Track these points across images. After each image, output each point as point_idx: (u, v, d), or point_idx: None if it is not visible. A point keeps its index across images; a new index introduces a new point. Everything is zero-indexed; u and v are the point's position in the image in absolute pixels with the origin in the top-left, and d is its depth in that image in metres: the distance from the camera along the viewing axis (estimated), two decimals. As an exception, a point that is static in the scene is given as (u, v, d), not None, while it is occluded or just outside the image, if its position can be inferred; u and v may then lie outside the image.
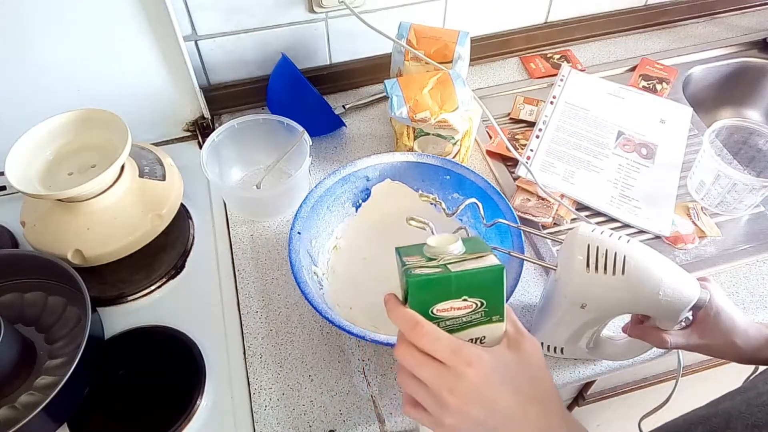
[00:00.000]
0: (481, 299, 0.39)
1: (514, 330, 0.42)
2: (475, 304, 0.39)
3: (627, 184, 0.82)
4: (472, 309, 0.40)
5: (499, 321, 0.40)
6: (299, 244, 0.66)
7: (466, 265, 0.40)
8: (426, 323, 0.39)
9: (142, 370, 0.65)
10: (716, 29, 1.07)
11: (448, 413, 0.39)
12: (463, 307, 0.39)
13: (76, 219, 0.69)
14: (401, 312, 0.40)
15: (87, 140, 0.72)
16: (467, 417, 0.38)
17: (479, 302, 0.39)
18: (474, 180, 0.72)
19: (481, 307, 0.40)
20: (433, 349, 0.39)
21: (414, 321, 0.39)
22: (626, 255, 0.51)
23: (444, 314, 0.39)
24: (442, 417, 0.39)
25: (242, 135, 0.80)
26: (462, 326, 0.40)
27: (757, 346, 0.55)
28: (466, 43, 0.81)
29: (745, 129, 0.80)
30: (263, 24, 0.85)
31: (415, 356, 0.39)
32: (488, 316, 0.40)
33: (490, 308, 0.40)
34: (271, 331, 0.69)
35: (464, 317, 0.40)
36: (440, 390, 0.38)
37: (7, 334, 0.58)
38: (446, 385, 0.38)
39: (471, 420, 0.39)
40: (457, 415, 0.38)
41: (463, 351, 0.38)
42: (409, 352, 0.39)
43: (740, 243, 0.76)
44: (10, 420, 0.58)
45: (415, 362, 0.39)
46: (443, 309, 0.39)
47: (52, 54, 0.74)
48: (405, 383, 0.41)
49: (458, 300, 0.39)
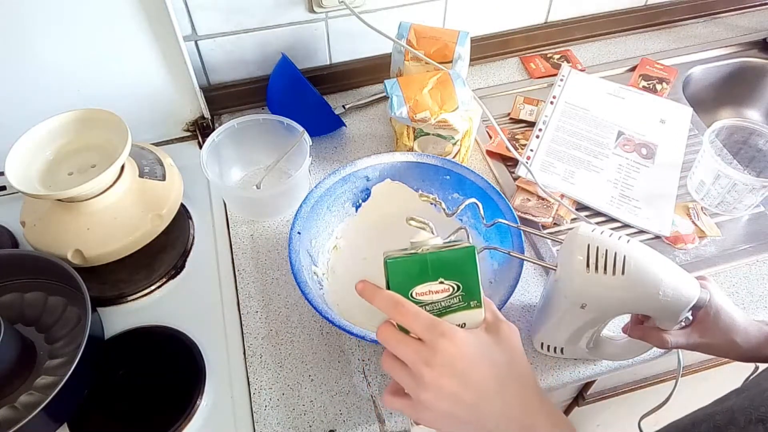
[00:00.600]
0: (457, 282, 0.42)
1: (493, 317, 0.43)
2: (451, 287, 0.42)
3: (627, 184, 0.82)
4: (449, 293, 0.42)
5: (477, 307, 0.42)
6: (299, 244, 0.66)
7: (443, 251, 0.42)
8: (406, 302, 0.41)
9: (142, 370, 0.65)
10: (716, 29, 1.07)
11: (424, 387, 0.40)
12: (441, 290, 0.42)
13: (76, 219, 0.69)
14: (382, 294, 0.42)
15: (87, 140, 0.72)
16: (442, 390, 0.39)
17: (456, 285, 0.42)
18: (474, 180, 0.72)
19: (458, 291, 0.42)
20: (411, 326, 0.40)
21: (394, 300, 0.41)
22: (626, 255, 0.51)
23: (423, 298, 0.42)
24: (418, 393, 0.40)
25: (242, 135, 0.80)
26: (442, 311, 0.42)
27: (757, 344, 0.55)
28: (466, 43, 0.81)
29: (745, 129, 0.80)
30: (263, 24, 0.85)
31: (396, 335, 0.41)
32: (466, 300, 0.42)
33: (467, 292, 0.42)
34: (271, 331, 0.69)
35: (443, 302, 0.42)
36: (418, 364, 0.40)
37: (7, 334, 0.58)
38: (423, 359, 0.40)
39: (446, 393, 0.39)
40: (433, 388, 0.39)
41: (439, 326, 0.40)
42: (390, 331, 0.41)
43: (740, 243, 0.76)
44: (10, 420, 0.58)
45: (395, 340, 0.41)
46: (422, 292, 0.42)
47: (52, 54, 0.74)
48: (386, 364, 0.42)
49: (435, 282, 0.41)
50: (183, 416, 0.61)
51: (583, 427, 1.03)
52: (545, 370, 0.65)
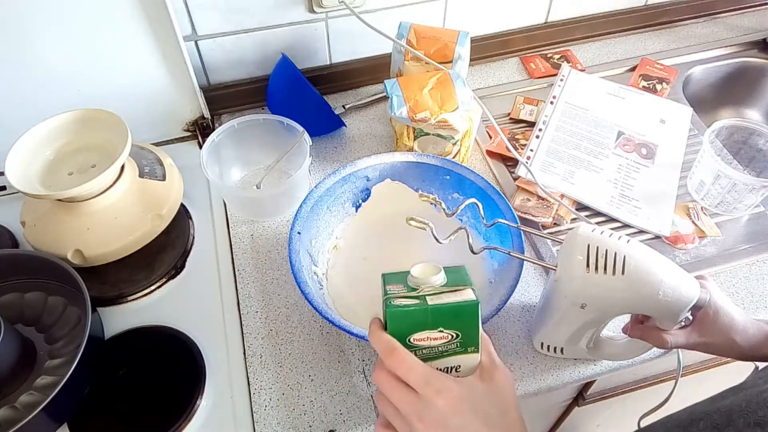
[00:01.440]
0: (457, 331, 0.41)
1: (489, 361, 0.43)
2: (450, 335, 0.41)
3: (627, 184, 0.82)
4: (447, 340, 0.41)
5: (474, 352, 0.42)
6: (299, 244, 0.66)
7: (444, 298, 0.41)
8: (402, 350, 0.40)
9: (142, 370, 0.65)
10: (716, 29, 1.07)
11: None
12: (440, 338, 0.41)
13: (76, 219, 0.69)
14: (381, 337, 0.41)
15: (87, 140, 0.72)
16: None
17: (455, 334, 0.41)
18: (474, 180, 0.72)
19: (456, 338, 0.41)
20: (407, 376, 0.40)
21: (392, 348, 0.41)
22: (626, 255, 0.51)
23: (421, 343, 0.41)
24: None
25: (242, 135, 0.80)
26: (438, 355, 0.42)
27: (757, 343, 0.55)
28: (466, 43, 0.81)
29: (745, 129, 0.80)
30: (263, 24, 0.85)
31: (391, 382, 0.41)
32: (463, 346, 0.42)
33: (466, 339, 0.42)
34: (271, 331, 0.69)
35: (440, 347, 0.41)
36: (410, 416, 0.40)
37: (7, 334, 0.58)
38: (416, 412, 0.40)
39: None
40: None
41: (434, 380, 0.40)
42: (385, 377, 0.41)
43: (740, 243, 0.76)
44: (10, 420, 0.58)
45: (389, 387, 0.41)
46: (420, 339, 0.41)
47: (53, 54, 0.74)
48: (380, 404, 0.42)
49: (434, 331, 0.41)
50: (183, 416, 0.61)
51: (583, 427, 1.03)
52: (545, 370, 0.65)
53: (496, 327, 0.69)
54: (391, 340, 0.41)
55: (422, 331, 0.41)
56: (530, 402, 0.66)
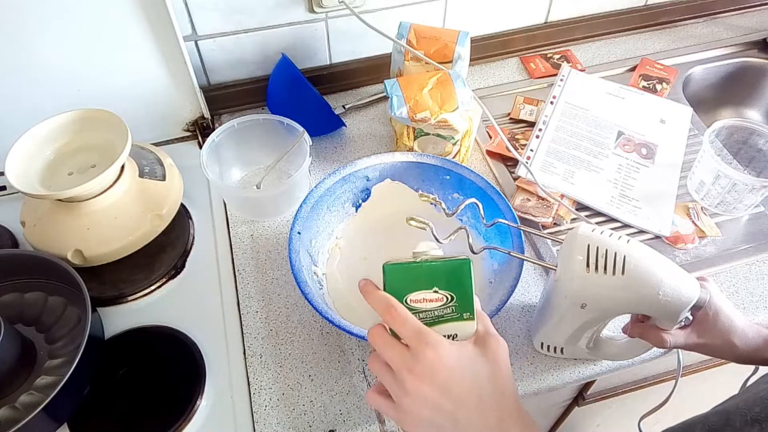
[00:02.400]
0: (451, 293, 0.42)
1: (484, 329, 0.44)
2: (445, 297, 0.42)
3: (627, 184, 0.82)
4: (443, 303, 0.42)
5: (469, 319, 0.43)
6: (299, 244, 0.66)
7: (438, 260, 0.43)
8: (399, 306, 0.41)
9: (142, 370, 0.65)
10: (716, 29, 1.07)
11: (405, 392, 0.40)
12: (435, 300, 0.42)
13: (76, 219, 0.69)
14: (378, 295, 0.42)
15: (87, 140, 0.72)
16: (422, 397, 0.40)
17: (449, 296, 0.42)
18: (474, 180, 0.72)
19: (451, 302, 0.43)
20: (400, 330, 0.41)
21: (388, 302, 0.41)
22: (626, 255, 0.51)
23: (417, 305, 0.42)
24: (400, 397, 0.41)
25: (242, 135, 0.80)
26: (435, 321, 0.43)
27: (756, 346, 0.55)
28: (466, 43, 0.81)
29: (745, 129, 0.80)
30: (263, 24, 0.85)
31: (384, 337, 0.42)
32: (459, 312, 0.43)
33: (460, 303, 0.43)
34: (271, 331, 0.69)
35: (436, 311, 0.43)
36: (401, 370, 0.40)
37: (7, 334, 0.58)
38: (405, 363, 0.40)
39: (426, 400, 0.40)
40: (413, 394, 0.40)
41: (426, 335, 0.41)
42: (379, 333, 0.42)
43: (740, 243, 0.76)
44: (10, 420, 0.58)
45: (383, 343, 0.42)
46: (416, 299, 0.42)
47: (52, 54, 0.74)
48: (372, 365, 0.43)
49: (430, 291, 0.42)
50: (183, 416, 0.61)
51: (583, 427, 1.03)
52: (545, 370, 0.65)
53: (496, 327, 0.68)
54: (388, 296, 0.42)
55: (418, 290, 0.42)
56: (530, 402, 0.66)
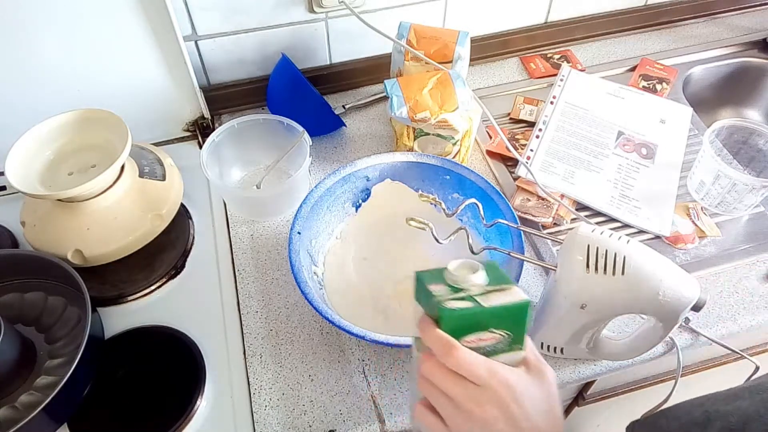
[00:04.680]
0: (508, 331, 0.41)
1: (536, 359, 0.43)
2: (501, 335, 0.41)
3: (627, 184, 0.82)
4: (497, 340, 0.41)
5: (518, 349, 0.42)
6: (299, 244, 0.66)
7: (494, 299, 0.41)
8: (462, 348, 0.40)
9: (142, 370, 0.65)
10: (716, 29, 1.07)
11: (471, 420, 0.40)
12: (489, 339, 0.41)
13: (76, 219, 0.69)
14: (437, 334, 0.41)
15: (87, 140, 0.72)
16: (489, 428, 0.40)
17: (505, 334, 0.41)
18: (474, 180, 0.72)
19: (506, 338, 0.41)
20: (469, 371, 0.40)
21: (450, 345, 0.40)
22: (626, 255, 0.51)
23: (471, 345, 0.41)
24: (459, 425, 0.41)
25: (242, 135, 0.80)
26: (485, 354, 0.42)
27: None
28: (466, 43, 0.81)
29: (745, 129, 0.80)
30: (263, 24, 0.85)
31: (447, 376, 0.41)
32: (510, 345, 0.42)
33: (514, 339, 0.42)
34: (271, 331, 0.69)
35: (488, 347, 0.42)
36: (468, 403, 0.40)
37: (7, 334, 0.58)
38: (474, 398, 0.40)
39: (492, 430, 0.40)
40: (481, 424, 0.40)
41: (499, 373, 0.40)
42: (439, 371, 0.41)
43: (740, 243, 0.76)
44: (10, 420, 0.58)
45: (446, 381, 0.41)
46: (470, 340, 0.41)
47: (53, 54, 0.74)
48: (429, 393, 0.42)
49: (486, 332, 0.41)
50: (183, 416, 0.61)
51: (583, 427, 1.03)
52: (545, 370, 0.65)
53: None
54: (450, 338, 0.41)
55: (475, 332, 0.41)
56: (530, 402, 0.66)
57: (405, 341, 0.58)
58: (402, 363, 0.66)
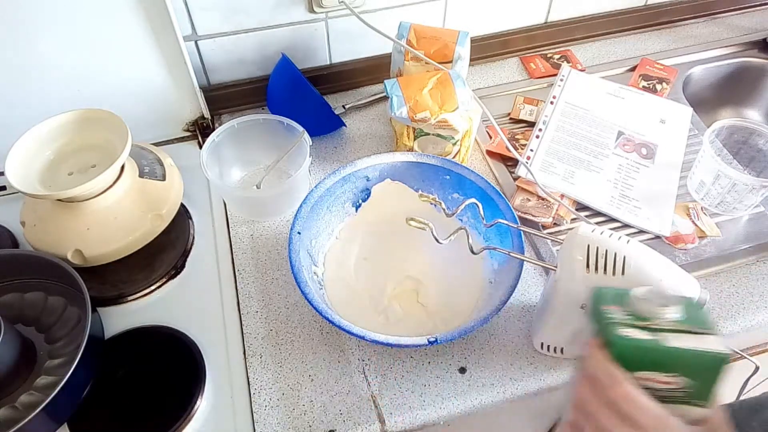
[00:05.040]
0: (691, 382, 0.35)
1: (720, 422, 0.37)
2: (681, 383, 0.36)
3: (627, 184, 0.82)
4: (675, 387, 0.36)
5: (701, 406, 0.36)
6: (299, 244, 0.66)
7: (684, 341, 0.36)
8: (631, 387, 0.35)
9: (142, 370, 0.65)
10: (716, 29, 1.07)
11: None
12: (665, 383, 0.36)
13: (76, 219, 0.69)
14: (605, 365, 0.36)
15: (87, 140, 0.72)
16: None
17: (687, 384, 0.36)
18: (474, 180, 0.72)
19: (686, 389, 0.36)
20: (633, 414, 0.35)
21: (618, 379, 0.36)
22: (626, 255, 0.51)
23: (642, 382, 0.36)
24: None
25: (242, 135, 0.80)
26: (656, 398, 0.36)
27: None
28: (466, 43, 0.81)
29: (745, 129, 0.80)
30: (263, 24, 0.85)
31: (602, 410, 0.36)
32: (690, 398, 0.36)
33: (696, 393, 0.36)
34: (271, 331, 0.69)
35: (663, 392, 0.36)
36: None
37: (7, 334, 0.58)
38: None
39: None
40: None
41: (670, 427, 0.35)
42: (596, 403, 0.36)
43: (740, 243, 0.76)
44: (10, 420, 0.58)
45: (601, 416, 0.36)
46: (643, 377, 0.36)
47: (53, 54, 0.74)
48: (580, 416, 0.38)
49: (662, 374, 0.36)
50: (183, 416, 0.61)
51: (583, 427, 1.03)
52: (545, 370, 0.65)
53: (496, 327, 0.68)
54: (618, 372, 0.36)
55: (650, 370, 0.35)
56: (530, 402, 0.66)
57: (405, 341, 0.58)
58: (402, 363, 0.66)
